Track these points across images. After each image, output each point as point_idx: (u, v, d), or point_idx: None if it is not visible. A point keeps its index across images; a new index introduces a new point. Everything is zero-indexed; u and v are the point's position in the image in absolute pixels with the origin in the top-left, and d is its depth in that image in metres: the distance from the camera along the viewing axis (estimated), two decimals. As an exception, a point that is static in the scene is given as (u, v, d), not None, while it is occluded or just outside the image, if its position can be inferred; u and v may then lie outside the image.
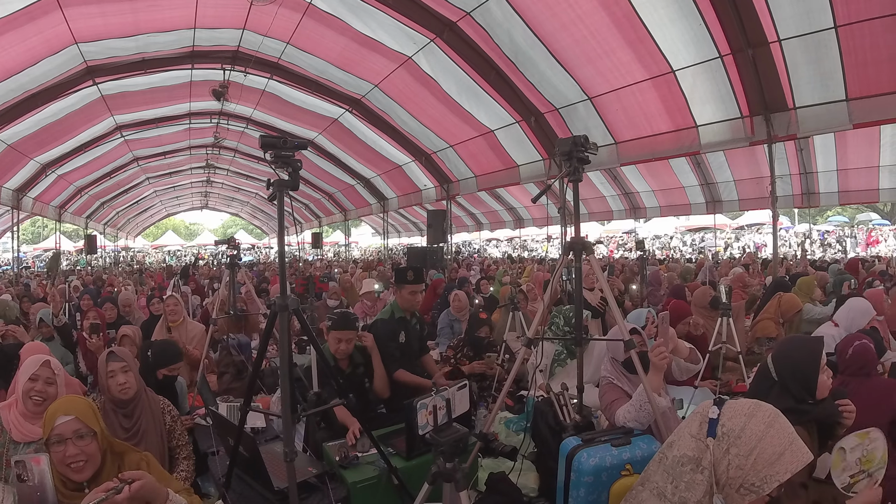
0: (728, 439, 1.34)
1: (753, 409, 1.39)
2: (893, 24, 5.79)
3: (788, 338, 2.35)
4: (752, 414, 1.37)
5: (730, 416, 1.37)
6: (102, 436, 1.96)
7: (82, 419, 1.89)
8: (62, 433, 1.85)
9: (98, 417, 1.99)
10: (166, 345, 3.60)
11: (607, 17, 7.25)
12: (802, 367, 2.06)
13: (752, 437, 1.32)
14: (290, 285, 3.34)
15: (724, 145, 8.45)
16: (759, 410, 1.39)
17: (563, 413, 3.02)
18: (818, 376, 2.06)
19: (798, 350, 2.13)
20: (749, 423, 1.35)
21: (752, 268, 9.84)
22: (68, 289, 7.60)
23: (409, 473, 2.60)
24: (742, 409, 1.39)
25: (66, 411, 1.90)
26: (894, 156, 10.37)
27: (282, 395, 2.06)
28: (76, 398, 2.08)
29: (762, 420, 1.35)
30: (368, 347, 3.56)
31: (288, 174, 2.07)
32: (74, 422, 1.87)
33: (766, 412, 1.39)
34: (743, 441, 1.32)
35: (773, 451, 1.30)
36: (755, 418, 1.36)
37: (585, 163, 2.66)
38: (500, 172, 12.61)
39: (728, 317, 4.07)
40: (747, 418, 1.36)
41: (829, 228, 27.45)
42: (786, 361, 2.10)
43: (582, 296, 3.02)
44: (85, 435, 1.88)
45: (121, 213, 25.05)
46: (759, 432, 1.33)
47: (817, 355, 2.08)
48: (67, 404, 1.96)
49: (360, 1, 8.36)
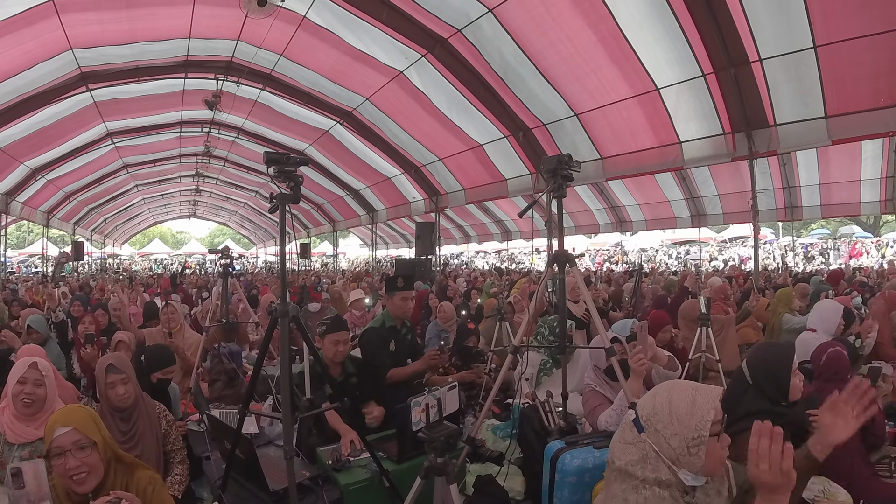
0: (651, 423, 1.47)
1: (654, 390, 1.55)
2: (870, 43, 6.04)
3: (762, 343, 2.51)
4: (654, 393, 1.53)
5: (641, 406, 1.52)
6: (104, 445, 1.91)
7: (81, 430, 1.85)
8: (62, 445, 1.81)
9: (99, 427, 1.94)
10: (160, 349, 3.65)
11: (594, 36, 7.46)
12: (775, 370, 2.21)
13: (662, 405, 1.47)
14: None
15: (707, 161, 8.68)
16: (659, 388, 1.55)
17: (548, 419, 3.13)
18: (790, 379, 2.20)
19: (771, 354, 2.28)
20: (656, 400, 1.49)
21: (736, 280, 10.03)
22: (58, 295, 7.60)
23: (400, 476, 2.68)
24: (646, 396, 1.55)
25: (64, 422, 1.86)
26: (875, 170, 10.63)
27: (282, 395, 2.16)
28: (75, 408, 2.05)
29: (663, 390, 1.52)
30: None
31: (290, 188, 2.17)
32: (73, 433, 1.83)
33: (662, 385, 1.55)
34: (659, 414, 1.46)
35: (684, 403, 1.44)
36: (658, 394, 1.51)
37: (569, 180, 2.79)
38: (489, 186, 12.77)
39: (707, 327, 4.20)
40: (652, 397, 1.51)
41: (812, 241, 27.95)
42: (759, 365, 2.25)
43: (566, 306, 3.14)
44: (85, 446, 1.84)
45: (108, 219, 24.90)
46: (665, 398, 1.48)
47: (789, 359, 2.23)
48: (66, 415, 1.92)
49: (354, 16, 8.53)
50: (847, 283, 9.19)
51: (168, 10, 8.42)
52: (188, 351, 4.68)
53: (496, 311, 5.22)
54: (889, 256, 20.65)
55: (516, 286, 10.16)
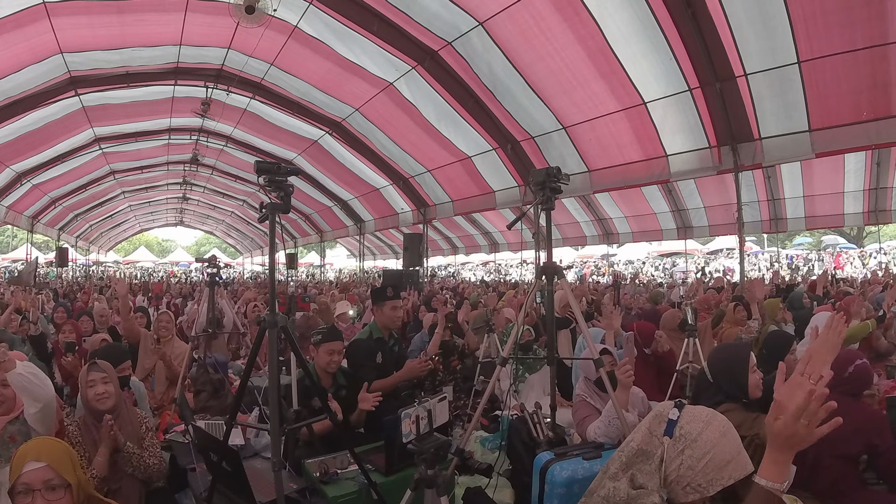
0: (685, 441, 1.43)
1: (711, 417, 1.50)
2: (853, 59, 6.20)
3: (721, 345, 2.65)
4: (709, 422, 1.47)
5: (688, 419, 1.47)
6: (79, 489, 1.69)
7: (55, 468, 1.64)
8: (30, 483, 1.60)
9: (76, 467, 1.73)
10: (111, 347, 3.63)
11: (582, 51, 7.56)
12: (733, 368, 2.35)
13: (707, 442, 1.42)
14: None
15: (693, 174, 8.79)
16: (716, 420, 1.49)
17: (536, 431, 3.13)
18: (748, 376, 2.35)
19: (728, 354, 2.44)
20: (706, 430, 1.45)
21: (724, 292, 10.09)
22: (42, 301, 7.48)
23: (388, 488, 2.65)
24: (700, 415, 1.50)
25: (36, 456, 1.64)
26: (858, 182, 10.85)
27: (270, 406, 2.14)
28: (52, 442, 1.85)
29: (717, 428, 1.46)
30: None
31: (280, 198, 2.17)
32: (46, 470, 1.62)
33: (721, 422, 1.49)
34: (699, 445, 1.42)
35: (722, 457, 1.40)
36: (712, 426, 1.46)
37: (558, 192, 2.82)
38: (477, 198, 12.81)
39: (694, 337, 4.23)
40: (705, 425, 1.46)
41: (796, 252, 28.31)
42: (718, 364, 2.42)
43: (554, 317, 3.16)
44: (57, 487, 1.62)
45: (94, 226, 24.63)
46: (714, 439, 1.43)
47: (745, 357, 2.38)
48: (39, 448, 1.70)
49: (345, 27, 8.57)
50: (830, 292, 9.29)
51: (159, 17, 8.41)
52: (175, 360, 4.63)
53: (483, 323, 5.21)
54: (872, 267, 20.96)
55: (503, 299, 10.19)
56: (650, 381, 4.40)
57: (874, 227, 15.97)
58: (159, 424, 4.09)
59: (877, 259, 22.42)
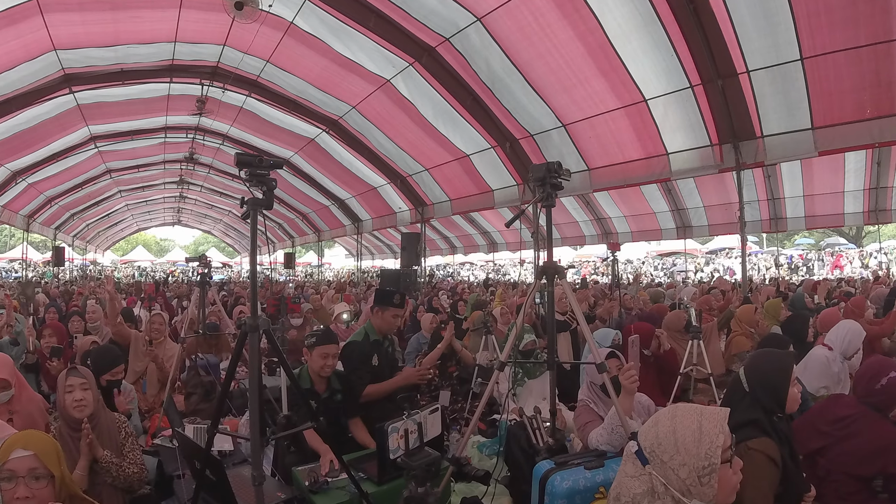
0: (655, 454, 1.36)
1: (656, 418, 1.44)
2: (856, 56, 6.10)
3: (762, 351, 2.36)
4: (656, 421, 1.42)
5: (643, 437, 1.41)
6: (62, 483, 1.72)
7: (42, 458, 1.67)
8: (15, 469, 1.63)
9: (61, 461, 1.75)
10: (105, 349, 3.52)
11: (582, 48, 7.45)
12: (773, 379, 2.10)
13: (666, 434, 1.36)
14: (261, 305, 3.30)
15: (694, 172, 8.67)
16: (660, 415, 1.44)
17: (535, 437, 3.02)
18: (788, 389, 2.10)
19: (770, 363, 2.16)
20: (659, 429, 1.39)
21: (727, 293, 9.98)
22: (33, 303, 7.36)
23: (380, 499, 2.54)
24: (648, 425, 1.44)
25: (24, 445, 1.68)
26: (858, 182, 10.80)
27: (250, 417, 2.02)
28: (40, 434, 1.86)
29: (665, 417, 1.41)
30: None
31: (262, 193, 2.05)
32: (32, 459, 1.65)
33: (665, 412, 1.44)
34: (664, 444, 1.36)
35: (690, 431, 1.34)
36: (660, 422, 1.41)
37: (558, 189, 2.70)
38: (475, 196, 12.70)
39: (698, 339, 4.14)
40: (654, 426, 1.41)
41: (796, 252, 28.24)
42: (757, 373, 2.13)
43: (554, 319, 3.05)
44: (41, 477, 1.66)
45: (91, 225, 24.46)
46: (668, 426, 1.37)
47: (788, 369, 2.12)
48: (28, 438, 1.73)
49: (342, 23, 8.45)
50: (832, 294, 9.21)
51: (153, 14, 8.27)
52: (168, 363, 4.53)
53: (482, 325, 5.11)
54: (872, 266, 20.91)
55: (497, 296, 10.10)
56: (650, 383, 4.31)
57: (874, 226, 15.90)
58: (148, 428, 3.99)
59: (876, 259, 22.37)
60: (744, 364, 2.24)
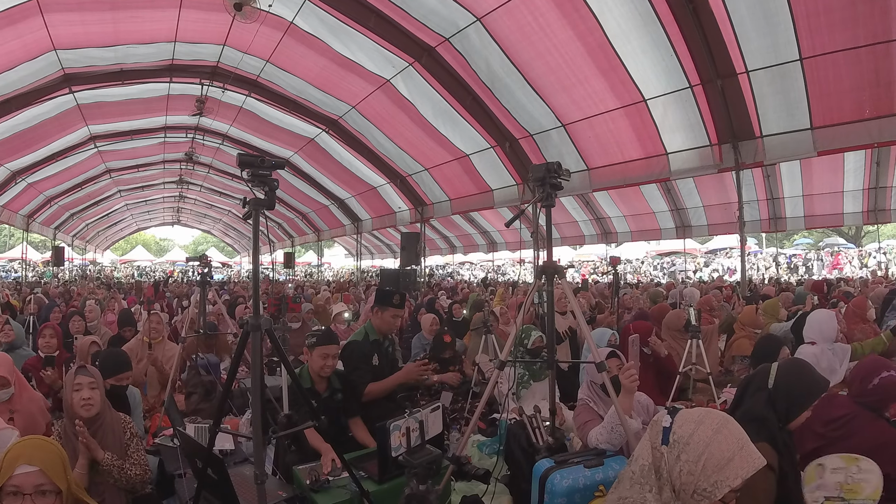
0: (678, 446, 1.36)
1: (703, 416, 1.42)
2: (855, 56, 6.13)
3: (805, 363, 2.26)
4: (700, 421, 1.39)
5: (680, 423, 1.40)
6: (69, 494, 1.67)
7: (48, 473, 1.61)
8: (20, 486, 1.57)
9: (67, 471, 1.70)
10: (114, 353, 3.51)
11: (582, 48, 7.46)
12: (800, 393, 2.03)
13: (699, 442, 1.35)
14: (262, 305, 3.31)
15: (694, 172, 8.69)
16: (708, 417, 1.41)
17: (535, 435, 3.03)
18: (805, 411, 2.04)
19: (805, 377, 2.09)
20: (697, 430, 1.37)
21: (725, 292, 10.00)
22: (31, 302, 7.36)
23: (381, 497, 2.55)
24: (692, 416, 1.42)
25: (29, 460, 1.61)
26: (858, 181, 10.82)
27: (252, 415, 2.03)
28: (46, 444, 1.79)
29: (710, 426, 1.37)
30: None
31: (264, 193, 2.06)
32: (38, 475, 1.59)
33: (714, 418, 1.40)
34: (691, 447, 1.35)
35: (721, 455, 1.32)
36: (703, 425, 1.38)
37: (558, 188, 2.70)
38: (475, 196, 12.72)
39: (697, 339, 4.14)
40: (696, 425, 1.38)
41: (796, 252, 28.25)
42: (789, 377, 2.05)
43: (554, 318, 3.05)
44: (48, 492, 1.60)
45: (90, 225, 24.47)
46: (707, 438, 1.35)
47: (816, 394, 2.06)
48: (33, 451, 1.66)
49: (342, 23, 8.46)
50: (831, 293, 9.23)
51: (153, 14, 8.28)
52: (167, 364, 4.53)
53: (482, 324, 5.11)
54: (871, 266, 20.91)
55: (497, 296, 10.10)
56: (650, 383, 4.31)
57: (873, 226, 15.92)
58: (149, 427, 4.00)
59: (876, 259, 22.38)
60: (780, 362, 2.18)
